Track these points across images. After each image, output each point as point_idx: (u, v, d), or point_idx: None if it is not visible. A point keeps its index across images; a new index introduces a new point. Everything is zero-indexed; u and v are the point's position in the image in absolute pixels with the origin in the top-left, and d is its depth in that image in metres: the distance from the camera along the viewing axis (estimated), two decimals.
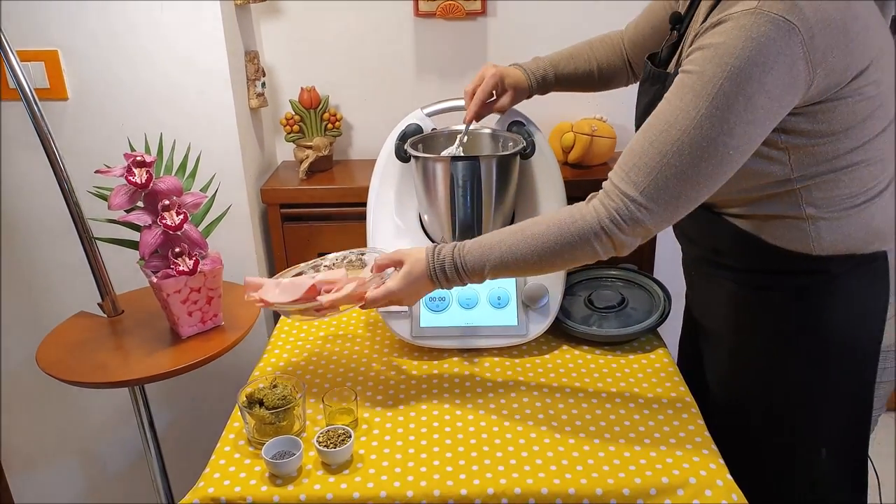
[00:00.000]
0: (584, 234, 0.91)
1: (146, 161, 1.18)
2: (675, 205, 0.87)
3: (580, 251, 0.92)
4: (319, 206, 1.59)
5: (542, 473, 0.95)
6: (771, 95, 0.81)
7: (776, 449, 1.06)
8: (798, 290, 0.98)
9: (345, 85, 1.69)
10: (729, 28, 0.81)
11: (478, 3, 1.59)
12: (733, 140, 0.83)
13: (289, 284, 1.08)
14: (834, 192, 0.92)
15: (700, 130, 0.82)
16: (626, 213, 0.88)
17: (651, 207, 0.87)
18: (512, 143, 1.26)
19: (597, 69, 1.27)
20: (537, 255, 0.94)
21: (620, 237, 0.89)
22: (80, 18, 1.40)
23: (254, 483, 0.96)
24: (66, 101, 1.47)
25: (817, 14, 0.80)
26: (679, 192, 0.86)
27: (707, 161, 0.84)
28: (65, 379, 1.19)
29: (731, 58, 0.80)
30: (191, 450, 1.75)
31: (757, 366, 1.05)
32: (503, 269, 0.97)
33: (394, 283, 1.02)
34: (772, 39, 0.79)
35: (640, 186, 0.86)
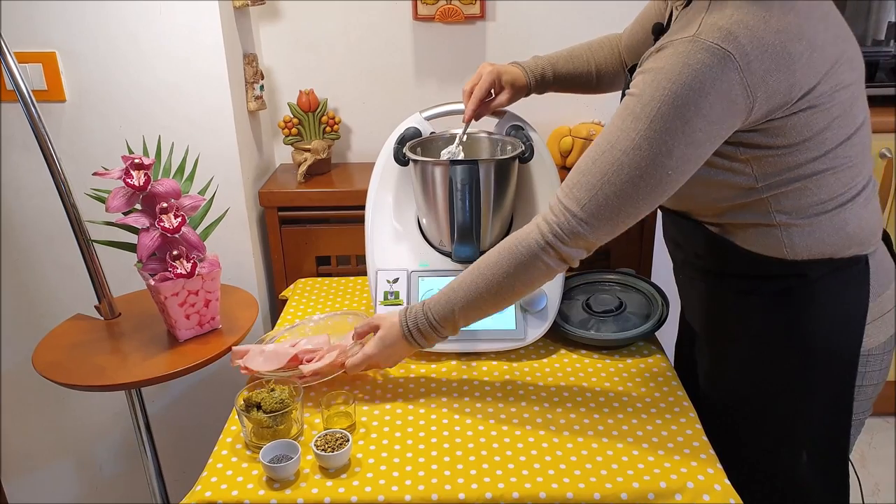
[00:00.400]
0: (532, 250, 0.95)
1: (144, 163, 1.18)
2: (614, 221, 0.91)
3: (533, 269, 0.96)
4: (317, 209, 1.59)
5: (540, 478, 0.95)
6: (708, 119, 0.83)
7: (761, 452, 1.07)
8: (777, 295, 0.99)
9: (343, 88, 1.69)
10: (668, 54, 0.84)
11: (476, 7, 1.59)
12: (671, 161, 0.85)
13: (272, 353, 1.15)
14: (802, 200, 0.93)
15: (639, 151, 0.85)
16: (568, 227, 0.92)
17: (591, 223, 0.91)
18: (510, 147, 1.26)
19: (595, 71, 1.27)
20: (496, 285, 0.98)
21: (564, 249, 0.93)
22: (78, 20, 1.40)
23: (251, 487, 0.95)
24: (63, 102, 1.46)
25: (753, 42, 0.82)
26: (618, 208, 0.89)
27: (646, 181, 0.87)
28: (61, 382, 1.18)
29: (668, 82, 0.83)
30: (188, 453, 1.75)
31: (738, 369, 1.06)
32: (471, 309, 1.01)
33: (370, 348, 1.09)
34: (707, 66, 0.81)
35: (582, 202, 0.90)
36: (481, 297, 0.99)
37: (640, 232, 1.60)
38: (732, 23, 0.82)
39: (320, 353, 1.13)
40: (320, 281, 1.57)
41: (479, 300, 1.00)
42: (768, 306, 1.00)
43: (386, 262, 1.28)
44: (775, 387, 1.02)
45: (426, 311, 1.04)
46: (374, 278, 1.27)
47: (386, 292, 1.26)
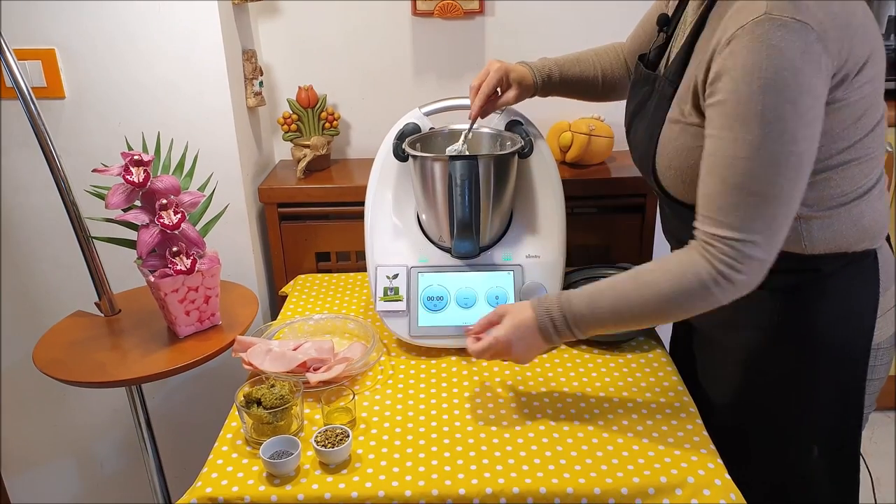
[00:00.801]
0: (704, 284, 0.87)
1: (144, 160, 1.18)
2: (774, 227, 0.85)
3: (699, 300, 0.89)
4: (317, 205, 1.59)
5: (541, 473, 0.95)
6: (813, 93, 0.81)
7: (769, 447, 1.06)
8: (788, 289, 0.98)
9: (343, 84, 1.68)
10: (744, 44, 0.80)
11: (476, 3, 1.59)
12: (798, 146, 0.82)
13: (279, 355, 1.15)
14: (826, 192, 0.92)
15: (764, 149, 0.81)
16: (735, 253, 0.85)
17: (755, 240, 0.84)
18: (510, 143, 1.26)
19: (601, 76, 1.27)
20: (654, 303, 0.91)
21: (739, 278, 0.86)
22: (77, 17, 1.40)
23: (252, 483, 0.95)
24: (63, 99, 1.46)
25: (822, 10, 0.80)
26: (772, 213, 0.84)
27: (783, 175, 0.82)
28: (62, 378, 1.18)
29: (759, 71, 0.79)
30: (188, 450, 1.75)
31: (748, 364, 1.05)
32: (614, 316, 0.94)
33: (501, 331, 0.99)
34: (791, 42, 0.78)
35: (734, 225, 0.85)
36: (630, 309, 0.92)
37: (640, 226, 1.60)
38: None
39: (328, 364, 1.15)
40: (320, 277, 1.57)
41: (626, 311, 0.93)
42: (779, 301, 0.99)
43: (385, 258, 1.28)
44: (785, 381, 1.02)
45: (562, 304, 0.96)
46: (373, 274, 1.27)
47: (385, 288, 1.26)
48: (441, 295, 1.25)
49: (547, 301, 0.97)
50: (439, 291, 1.25)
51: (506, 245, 1.29)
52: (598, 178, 1.57)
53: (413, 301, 1.24)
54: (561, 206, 1.29)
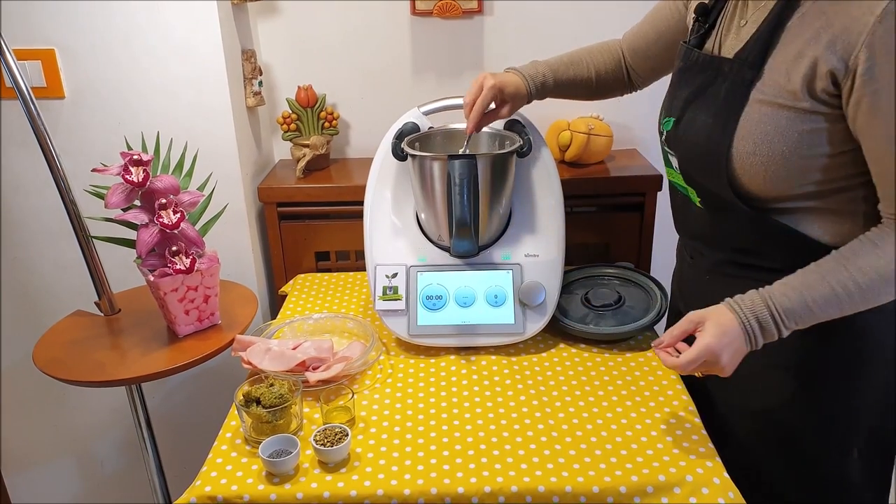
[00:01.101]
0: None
1: (143, 159, 1.18)
2: None
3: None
4: (316, 204, 1.59)
5: (539, 471, 0.96)
6: None
7: (806, 450, 1.03)
8: None
9: (342, 83, 1.68)
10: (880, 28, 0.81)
11: (475, 2, 1.59)
12: None
13: (278, 354, 1.15)
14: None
15: None
16: None
17: None
18: (509, 142, 1.26)
19: (595, 76, 1.26)
20: (877, 285, 0.88)
21: None
22: (76, 17, 1.40)
23: (251, 482, 0.96)
24: (62, 99, 1.46)
25: None
26: None
27: None
28: (61, 378, 1.19)
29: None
30: (188, 448, 1.75)
31: (793, 366, 1.01)
32: (829, 305, 0.89)
33: (708, 337, 0.91)
34: None
35: None
36: (850, 297, 0.88)
37: (639, 225, 1.60)
38: None
39: (327, 364, 1.15)
40: (319, 276, 1.57)
41: (844, 300, 0.89)
42: None
43: (385, 257, 1.28)
44: (832, 382, 1.00)
45: (769, 303, 0.90)
46: (372, 273, 1.27)
47: (385, 287, 1.26)
48: (440, 294, 1.25)
49: (748, 301, 0.92)
50: (438, 290, 1.25)
51: (505, 244, 1.29)
52: (597, 177, 1.57)
53: (412, 300, 1.24)
54: (560, 205, 1.29)
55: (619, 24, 1.32)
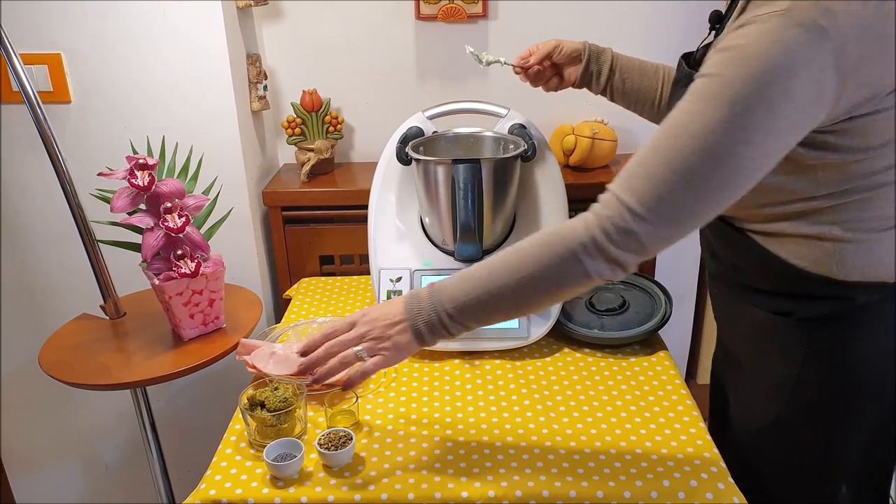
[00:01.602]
0: (571, 246, 0.79)
1: (148, 164, 1.19)
2: (676, 220, 0.77)
3: (569, 269, 0.80)
4: (321, 208, 1.59)
5: (543, 476, 0.95)
6: (796, 105, 0.74)
7: (796, 480, 1.01)
8: (819, 318, 0.91)
9: (346, 88, 1.69)
10: (754, 30, 0.74)
11: (479, 6, 1.60)
12: (749, 150, 0.74)
13: (282, 358, 1.15)
14: (864, 213, 0.85)
15: (713, 136, 0.74)
16: (620, 222, 0.77)
17: (649, 219, 0.76)
18: (513, 146, 1.27)
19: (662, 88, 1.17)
20: (522, 281, 0.81)
21: (612, 250, 0.78)
22: (82, 22, 1.41)
23: (255, 485, 0.96)
24: (69, 103, 1.47)
25: (852, 19, 0.72)
26: (682, 204, 0.76)
27: (718, 172, 0.75)
28: (67, 381, 1.19)
29: (754, 60, 0.72)
30: (192, 452, 1.76)
31: (777, 395, 0.98)
32: (484, 306, 0.84)
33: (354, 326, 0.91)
34: (800, 44, 0.71)
35: (639, 194, 0.76)
36: (502, 294, 0.83)
37: None
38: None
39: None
40: (324, 280, 1.57)
41: (498, 298, 0.83)
42: (807, 332, 0.92)
43: (389, 261, 1.29)
44: (814, 415, 0.95)
45: (433, 298, 0.87)
46: (377, 277, 1.28)
47: (389, 291, 1.26)
48: None
49: (416, 299, 0.88)
50: None
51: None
52: (602, 182, 1.56)
53: None
54: (564, 210, 1.30)
55: (625, 30, 1.32)
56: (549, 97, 1.31)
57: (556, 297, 0.85)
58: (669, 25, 1.60)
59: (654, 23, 1.61)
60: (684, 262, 1.85)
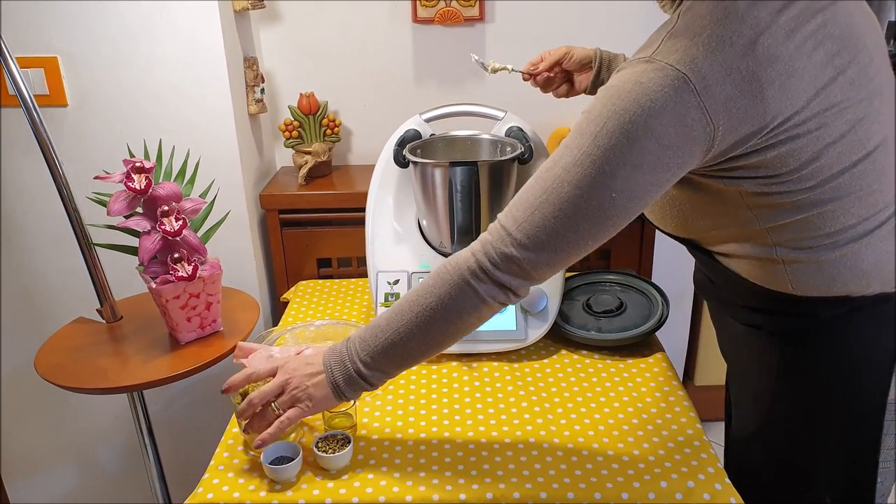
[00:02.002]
0: (461, 272, 0.84)
1: (145, 167, 1.19)
2: (551, 247, 0.81)
3: (461, 295, 0.84)
4: (318, 211, 1.59)
5: (541, 478, 0.95)
6: (660, 142, 0.76)
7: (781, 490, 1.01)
8: (787, 333, 0.92)
9: (343, 91, 1.69)
10: (622, 74, 0.80)
11: (476, 10, 1.60)
12: (615, 183, 0.78)
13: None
14: (805, 233, 0.85)
15: (581, 168, 0.78)
16: (502, 246, 0.82)
17: (526, 244, 0.81)
18: (510, 149, 1.27)
19: None
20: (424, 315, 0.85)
21: (496, 274, 0.82)
22: (79, 25, 1.41)
23: (252, 488, 0.96)
24: (65, 107, 1.47)
25: (715, 65, 0.75)
26: (556, 232, 0.80)
27: (587, 202, 0.79)
28: (63, 385, 1.19)
29: (618, 99, 0.77)
30: (189, 455, 1.75)
31: (760, 406, 0.99)
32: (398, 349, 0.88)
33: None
34: (660, 86, 0.75)
35: (519, 221, 0.82)
36: (409, 331, 0.86)
37: (640, 232, 1.60)
38: (693, 44, 0.76)
39: None
40: (321, 283, 1.57)
41: (406, 336, 0.87)
42: (778, 345, 0.93)
43: (386, 263, 1.29)
44: (793, 427, 0.96)
45: (349, 347, 0.91)
46: (374, 280, 1.28)
47: (387, 294, 1.26)
48: None
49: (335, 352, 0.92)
50: None
51: None
52: None
53: None
54: None
55: (623, 31, 1.33)
56: (545, 100, 1.31)
57: (459, 326, 0.87)
58: None
59: (652, 25, 1.61)
60: (681, 263, 1.84)
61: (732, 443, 1.10)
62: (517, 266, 0.83)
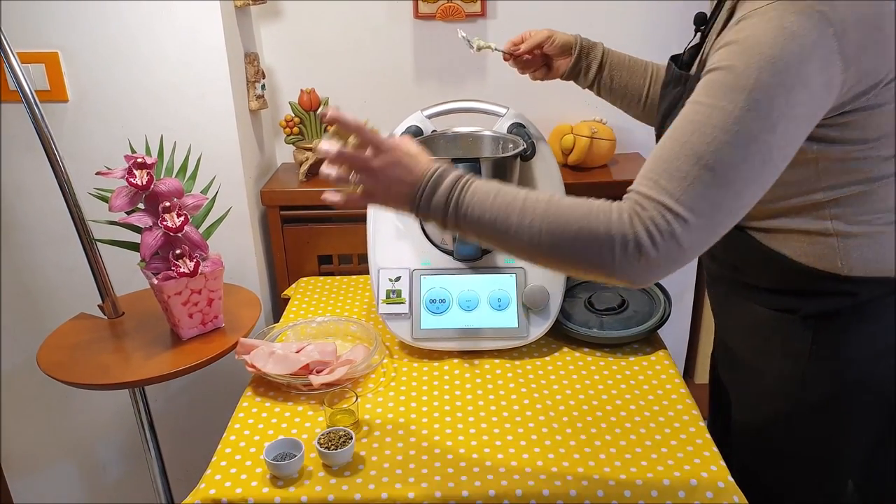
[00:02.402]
0: (611, 234, 0.74)
1: (147, 163, 1.18)
2: (715, 218, 0.74)
3: (594, 252, 0.75)
4: (319, 208, 1.58)
5: (544, 475, 0.95)
6: (810, 90, 0.73)
7: (801, 478, 1.00)
8: (822, 317, 0.91)
9: (345, 87, 1.69)
10: (755, 22, 0.74)
11: (477, 5, 1.60)
12: (775, 138, 0.73)
13: (281, 357, 1.15)
14: (866, 207, 0.85)
15: (740, 126, 0.72)
16: (664, 223, 0.73)
17: (689, 219, 0.73)
18: (512, 145, 1.27)
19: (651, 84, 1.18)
20: (548, 224, 0.77)
21: (652, 253, 0.73)
22: (80, 20, 1.40)
23: (255, 484, 0.96)
24: (66, 102, 1.47)
25: (849, 9, 0.73)
26: (719, 201, 0.73)
27: (749, 162, 0.73)
28: (65, 380, 1.19)
29: (765, 48, 0.72)
30: (191, 452, 1.75)
31: (782, 393, 0.97)
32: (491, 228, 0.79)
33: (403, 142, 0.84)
34: (805, 28, 0.72)
35: (675, 195, 0.73)
36: (521, 232, 0.78)
37: None
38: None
39: (331, 367, 1.15)
40: (322, 280, 1.57)
41: (514, 234, 0.78)
42: (811, 330, 0.92)
43: (388, 260, 1.29)
44: (819, 413, 0.95)
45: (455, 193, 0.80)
46: (375, 277, 1.28)
47: (388, 291, 1.26)
48: (443, 297, 1.25)
49: (441, 173, 0.82)
50: (442, 294, 1.25)
51: None
52: (601, 181, 1.58)
53: (415, 304, 1.24)
54: None
55: (624, 27, 1.32)
56: (548, 96, 1.31)
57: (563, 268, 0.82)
58: (669, 25, 1.60)
59: (653, 23, 1.61)
60: None
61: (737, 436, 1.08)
62: (677, 245, 0.73)
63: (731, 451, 1.04)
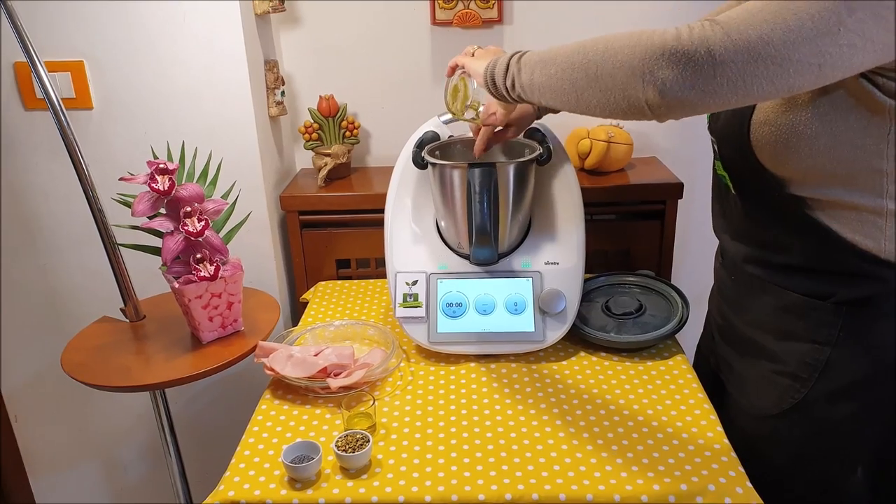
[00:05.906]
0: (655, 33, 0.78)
1: (168, 168, 1.20)
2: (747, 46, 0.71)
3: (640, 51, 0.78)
4: (337, 212, 1.60)
5: (560, 479, 0.95)
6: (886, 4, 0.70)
7: (811, 464, 1.00)
8: (855, 304, 0.91)
9: (363, 93, 1.70)
10: None
11: (494, 11, 1.60)
12: (850, 19, 0.69)
13: (300, 360, 1.16)
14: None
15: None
16: (699, 26, 0.75)
17: (726, 29, 0.72)
18: (528, 150, 1.27)
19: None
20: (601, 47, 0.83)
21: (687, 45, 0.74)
22: (105, 30, 1.43)
23: (273, 487, 0.97)
24: (91, 110, 1.50)
25: None
26: (759, 34, 0.71)
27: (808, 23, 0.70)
28: (88, 382, 1.21)
29: None
30: (211, 454, 1.77)
31: (799, 375, 0.97)
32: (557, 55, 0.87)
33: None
34: None
35: (722, 19, 0.74)
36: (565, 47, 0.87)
37: (659, 233, 1.59)
38: None
39: (349, 370, 1.16)
40: (340, 284, 1.58)
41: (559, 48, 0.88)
42: (843, 317, 0.92)
43: (405, 264, 1.29)
44: (839, 396, 0.95)
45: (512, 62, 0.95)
46: (393, 281, 1.28)
47: (405, 294, 1.27)
48: (460, 301, 1.25)
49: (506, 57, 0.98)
50: (458, 298, 1.25)
51: (525, 252, 1.29)
52: (617, 185, 1.57)
53: (432, 307, 1.25)
54: (580, 213, 1.29)
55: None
56: None
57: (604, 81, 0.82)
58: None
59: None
60: (700, 264, 1.83)
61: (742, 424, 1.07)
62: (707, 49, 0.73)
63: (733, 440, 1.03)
